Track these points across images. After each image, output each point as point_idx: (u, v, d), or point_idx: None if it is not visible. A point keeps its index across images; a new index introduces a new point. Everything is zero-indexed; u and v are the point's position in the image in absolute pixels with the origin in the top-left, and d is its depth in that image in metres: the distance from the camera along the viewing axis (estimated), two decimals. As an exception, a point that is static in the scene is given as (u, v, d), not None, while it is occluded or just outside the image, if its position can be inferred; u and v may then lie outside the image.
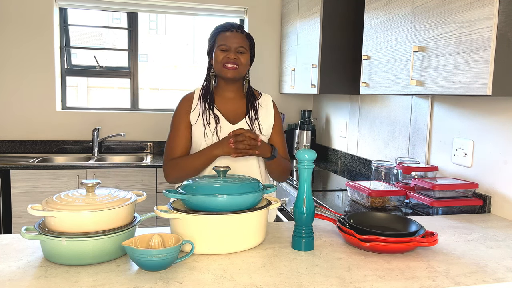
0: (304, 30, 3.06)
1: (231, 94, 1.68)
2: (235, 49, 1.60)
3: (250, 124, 1.65)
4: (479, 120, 1.86)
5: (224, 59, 1.59)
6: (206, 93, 1.66)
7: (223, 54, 1.60)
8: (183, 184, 1.23)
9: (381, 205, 1.89)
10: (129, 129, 3.56)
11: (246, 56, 1.63)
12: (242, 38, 1.62)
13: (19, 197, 2.84)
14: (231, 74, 1.60)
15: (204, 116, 1.62)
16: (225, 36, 1.61)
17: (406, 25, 1.84)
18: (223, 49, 1.60)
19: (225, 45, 1.60)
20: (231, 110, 1.67)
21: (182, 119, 1.65)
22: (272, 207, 1.27)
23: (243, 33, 1.64)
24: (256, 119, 1.67)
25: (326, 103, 3.54)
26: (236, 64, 1.59)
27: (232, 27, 1.63)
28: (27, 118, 3.37)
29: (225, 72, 1.60)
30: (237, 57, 1.59)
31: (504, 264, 1.17)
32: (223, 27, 1.64)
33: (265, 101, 1.74)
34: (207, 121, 1.61)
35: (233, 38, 1.60)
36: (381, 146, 2.65)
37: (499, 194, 1.76)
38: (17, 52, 3.31)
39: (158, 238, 1.09)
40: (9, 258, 1.11)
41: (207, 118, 1.62)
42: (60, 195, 1.14)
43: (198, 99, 1.66)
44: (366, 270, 1.09)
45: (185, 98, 1.70)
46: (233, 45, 1.60)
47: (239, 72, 1.61)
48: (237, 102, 1.68)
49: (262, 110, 1.71)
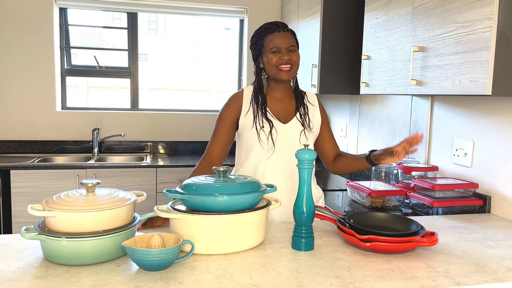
0: (304, 30, 3.06)
1: (281, 94, 1.67)
2: (286, 49, 1.57)
3: (302, 121, 1.65)
4: (479, 120, 1.86)
5: (278, 61, 1.57)
6: (257, 96, 1.64)
7: (276, 56, 1.57)
8: (183, 184, 1.23)
9: (381, 205, 1.89)
10: (129, 129, 3.56)
11: (297, 54, 1.61)
12: (290, 37, 1.60)
13: (19, 197, 2.84)
14: (287, 75, 1.58)
15: (257, 120, 1.61)
16: (272, 37, 1.58)
17: (406, 25, 1.84)
18: (275, 51, 1.57)
19: (276, 47, 1.57)
20: (281, 110, 1.66)
21: (226, 119, 1.65)
22: (272, 207, 1.26)
23: (289, 31, 1.62)
24: (307, 115, 1.67)
25: (326, 103, 3.53)
26: (290, 64, 1.57)
27: (278, 27, 1.59)
28: (27, 118, 3.37)
29: (281, 75, 1.58)
30: (290, 57, 1.57)
31: (504, 264, 1.17)
32: (268, 29, 1.60)
33: (312, 99, 1.73)
34: (260, 124, 1.60)
35: (283, 38, 1.58)
36: (381, 146, 2.65)
37: (499, 194, 1.76)
38: (17, 52, 3.31)
39: (158, 238, 1.09)
40: (9, 258, 1.11)
41: (261, 121, 1.60)
42: (60, 195, 1.14)
43: (250, 103, 1.64)
44: (366, 270, 1.09)
45: (233, 98, 1.68)
46: (284, 45, 1.57)
47: (294, 72, 1.61)
48: (287, 101, 1.68)
49: (311, 108, 1.70)
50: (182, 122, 3.65)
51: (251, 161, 1.63)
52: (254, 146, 1.62)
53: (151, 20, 4.30)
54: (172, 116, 3.63)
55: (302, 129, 1.65)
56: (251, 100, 1.65)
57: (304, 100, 1.70)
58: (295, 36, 1.64)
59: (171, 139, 3.64)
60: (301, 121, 1.65)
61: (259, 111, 1.62)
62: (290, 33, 1.61)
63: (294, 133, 1.64)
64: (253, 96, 1.65)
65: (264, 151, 1.61)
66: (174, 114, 3.64)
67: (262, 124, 1.60)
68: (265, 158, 1.62)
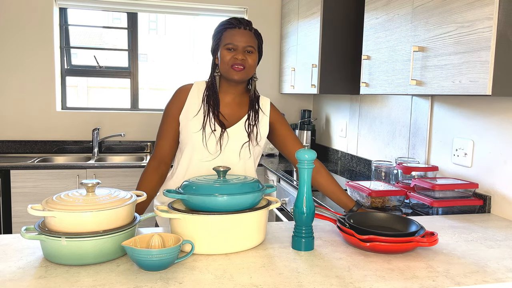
0: (304, 30, 3.06)
1: (233, 96, 1.58)
2: (243, 49, 1.48)
3: (248, 130, 1.55)
4: (479, 120, 1.86)
5: (231, 60, 1.47)
6: (210, 95, 1.55)
7: (230, 54, 1.47)
8: (183, 184, 1.23)
9: (381, 205, 1.89)
10: (129, 129, 3.56)
11: (254, 57, 1.51)
12: (251, 36, 1.49)
13: (19, 197, 2.84)
14: (238, 76, 1.48)
15: (208, 122, 1.52)
16: (231, 33, 1.48)
17: (406, 25, 1.84)
18: (230, 48, 1.48)
19: (232, 44, 1.47)
20: (230, 113, 1.57)
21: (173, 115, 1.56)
22: (272, 207, 1.26)
23: (251, 30, 1.51)
24: (256, 125, 1.57)
25: (326, 103, 3.53)
26: (243, 66, 1.47)
27: (239, 24, 1.49)
28: (27, 118, 3.37)
29: (232, 74, 1.48)
30: (245, 57, 1.47)
31: (504, 264, 1.17)
32: (229, 23, 1.50)
33: (264, 106, 1.63)
34: (212, 127, 1.52)
35: (241, 37, 1.47)
36: (381, 146, 2.65)
37: (499, 194, 1.76)
38: (17, 52, 3.31)
39: (158, 238, 1.09)
40: (9, 258, 1.11)
41: (212, 125, 1.52)
42: (60, 195, 1.14)
43: (202, 101, 1.55)
44: (366, 270, 1.09)
45: (179, 91, 1.59)
46: (240, 44, 1.47)
47: (247, 74, 1.50)
48: (238, 104, 1.59)
49: (260, 114, 1.61)
50: (182, 122, 3.64)
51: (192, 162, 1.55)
52: (199, 149, 1.52)
53: (151, 20, 4.31)
54: (172, 116, 3.63)
55: (246, 141, 1.55)
56: (203, 99, 1.55)
57: (258, 107, 1.59)
58: (259, 38, 1.54)
59: (171, 139, 3.64)
60: (247, 130, 1.55)
61: (210, 113, 1.52)
62: (252, 33, 1.50)
63: (236, 141, 1.55)
64: (205, 95, 1.55)
65: (208, 154, 1.53)
66: (174, 114, 3.64)
67: (214, 128, 1.51)
68: (206, 159, 1.54)
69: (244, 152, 1.56)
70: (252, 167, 1.61)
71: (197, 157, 1.54)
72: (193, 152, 1.54)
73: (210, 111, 1.53)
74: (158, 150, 1.58)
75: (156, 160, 1.58)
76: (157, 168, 1.57)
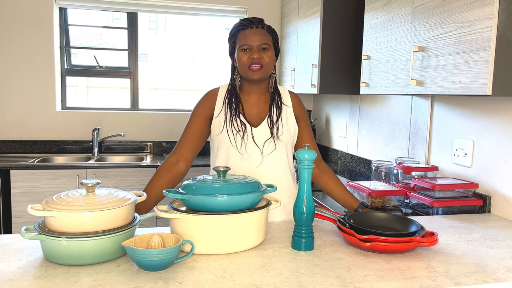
0: (304, 30, 3.06)
1: (257, 95, 1.59)
2: (257, 47, 1.49)
3: (270, 128, 1.56)
4: (479, 120, 1.86)
5: (248, 61, 1.49)
6: (231, 97, 1.57)
7: (246, 55, 1.50)
8: (183, 184, 1.23)
9: (381, 205, 1.89)
10: (129, 129, 3.56)
11: (270, 53, 1.52)
12: (264, 34, 1.51)
13: (19, 197, 2.84)
14: (257, 75, 1.50)
15: (230, 123, 1.55)
16: (244, 34, 1.50)
17: (406, 25, 1.84)
18: (245, 49, 1.50)
19: (246, 44, 1.49)
20: (255, 113, 1.59)
21: (199, 114, 1.59)
22: (272, 207, 1.26)
23: (263, 27, 1.53)
24: (278, 122, 1.58)
25: (326, 103, 3.54)
26: (260, 64, 1.49)
27: (251, 23, 1.51)
28: (27, 118, 3.37)
29: (250, 74, 1.50)
30: (260, 55, 1.49)
31: (504, 264, 1.17)
32: (241, 25, 1.52)
33: (284, 97, 1.63)
34: (235, 128, 1.54)
35: (254, 36, 1.49)
36: (381, 146, 2.65)
37: (499, 194, 1.76)
38: (17, 52, 3.30)
39: (158, 238, 1.09)
40: (9, 258, 1.11)
41: (236, 125, 1.54)
42: (60, 195, 1.14)
43: (223, 104, 1.57)
44: (366, 270, 1.09)
45: (207, 95, 1.62)
46: (254, 43, 1.49)
47: (265, 72, 1.52)
48: (264, 102, 1.60)
49: (284, 110, 1.61)
50: (182, 122, 3.65)
51: (223, 163, 1.58)
52: (230, 149, 1.56)
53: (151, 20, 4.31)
54: (172, 116, 3.63)
55: (269, 137, 1.57)
56: (224, 101, 1.57)
57: (280, 102, 1.61)
58: (273, 33, 1.55)
59: (171, 139, 3.64)
60: (270, 128, 1.56)
61: (232, 114, 1.55)
62: (264, 30, 1.52)
63: (261, 139, 1.57)
64: (226, 97, 1.58)
65: (237, 154, 1.56)
66: (174, 114, 3.64)
67: (238, 128, 1.54)
68: (236, 160, 1.56)
69: (266, 151, 1.57)
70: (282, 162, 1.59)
71: (226, 157, 1.57)
72: (226, 152, 1.57)
73: (232, 113, 1.56)
74: (179, 145, 1.60)
75: (175, 155, 1.59)
76: (175, 163, 1.58)
